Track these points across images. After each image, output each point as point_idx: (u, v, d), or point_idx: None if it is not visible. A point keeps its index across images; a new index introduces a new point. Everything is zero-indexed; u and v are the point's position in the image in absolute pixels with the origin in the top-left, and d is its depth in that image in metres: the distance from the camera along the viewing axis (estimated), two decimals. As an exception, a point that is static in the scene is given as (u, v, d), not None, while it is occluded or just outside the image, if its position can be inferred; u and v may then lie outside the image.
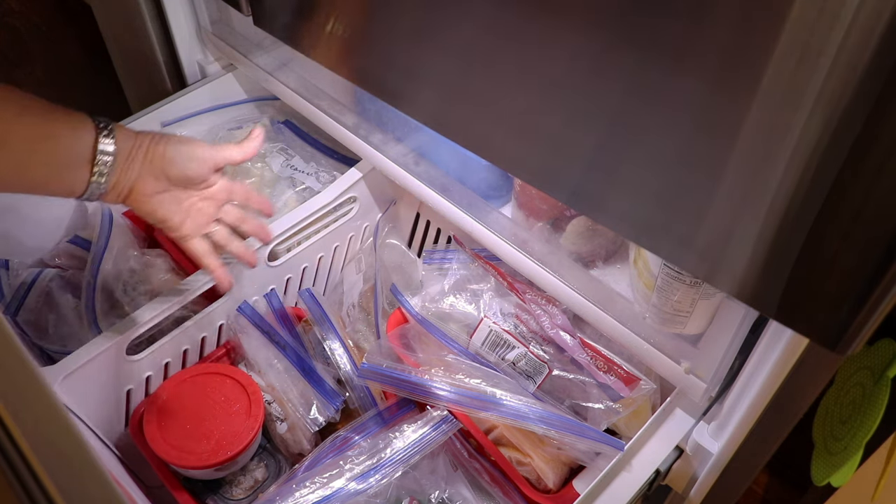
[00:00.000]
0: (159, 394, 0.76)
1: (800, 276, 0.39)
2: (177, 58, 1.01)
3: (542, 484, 0.72)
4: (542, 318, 0.74)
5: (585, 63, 0.43)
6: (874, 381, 0.62)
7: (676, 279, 0.57)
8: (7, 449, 0.33)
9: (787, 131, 0.35)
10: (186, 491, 0.73)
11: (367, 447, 0.70)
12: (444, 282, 0.82)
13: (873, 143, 0.33)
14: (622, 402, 0.71)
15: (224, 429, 0.73)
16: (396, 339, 0.79)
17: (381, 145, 0.84)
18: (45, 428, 0.34)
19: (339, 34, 0.60)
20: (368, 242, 0.96)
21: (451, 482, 0.72)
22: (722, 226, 0.41)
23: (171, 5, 0.95)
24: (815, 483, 0.67)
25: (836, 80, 0.32)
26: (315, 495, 0.66)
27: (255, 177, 0.94)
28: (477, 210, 0.76)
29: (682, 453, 0.71)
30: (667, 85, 0.39)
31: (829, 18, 0.31)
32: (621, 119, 0.43)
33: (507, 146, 0.52)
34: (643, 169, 0.44)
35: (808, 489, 0.85)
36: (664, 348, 0.64)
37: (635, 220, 0.47)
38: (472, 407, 0.71)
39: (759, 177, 0.38)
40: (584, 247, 0.71)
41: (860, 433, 0.61)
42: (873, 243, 0.35)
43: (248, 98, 1.05)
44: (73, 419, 0.46)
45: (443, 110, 0.56)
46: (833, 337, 0.39)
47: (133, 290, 0.86)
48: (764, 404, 0.59)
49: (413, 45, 0.54)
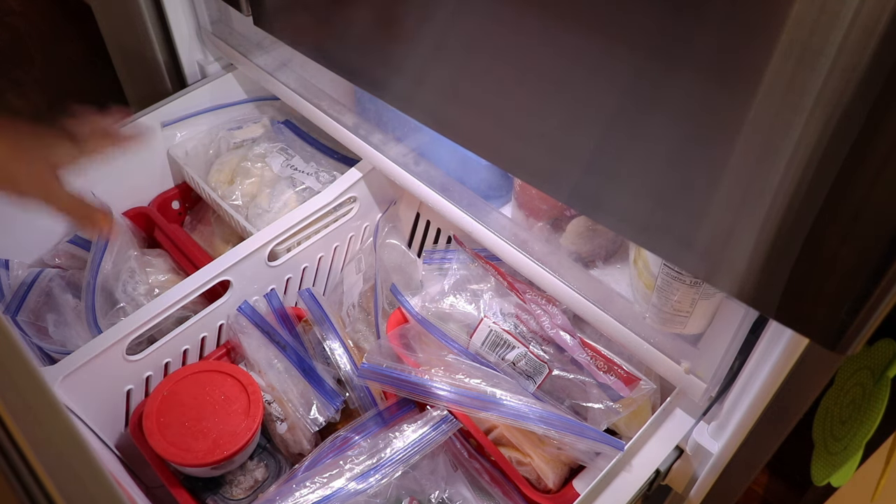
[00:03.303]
0: (159, 390, 0.76)
1: (800, 276, 0.39)
2: (177, 58, 1.01)
3: (542, 484, 0.72)
4: (542, 318, 0.74)
5: (585, 63, 0.43)
6: (874, 381, 0.62)
7: (676, 279, 0.57)
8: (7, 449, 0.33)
9: (787, 131, 0.35)
10: (186, 490, 0.73)
11: (367, 447, 0.70)
12: (444, 282, 0.82)
13: (873, 143, 0.33)
14: (622, 402, 0.71)
15: (222, 427, 0.73)
16: (396, 339, 0.79)
17: (380, 145, 0.84)
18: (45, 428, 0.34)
19: (338, 34, 0.60)
20: (368, 242, 0.96)
21: (451, 482, 0.72)
22: (722, 226, 0.41)
23: (171, 5, 0.95)
24: (815, 483, 0.67)
25: (836, 80, 0.32)
26: (315, 495, 0.66)
27: (254, 177, 0.94)
28: (477, 210, 0.76)
29: (682, 453, 0.71)
30: (666, 85, 0.39)
31: (829, 18, 0.31)
32: (621, 119, 0.43)
33: (507, 146, 0.52)
34: (643, 169, 0.44)
35: (808, 489, 0.85)
36: (664, 348, 0.64)
37: (635, 220, 0.47)
38: (472, 407, 0.71)
39: (759, 177, 0.38)
40: (584, 247, 0.71)
41: (860, 433, 0.61)
42: (873, 243, 0.35)
43: (248, 98, 1.05)
44: (73, 419, 0.46)
45: (442, 110, 0.56)
46: (833, 337, 0.39)
47: (133, 290, 0.86)
48: (764, 404, 0.59)
49: (413, 45, 0.54)
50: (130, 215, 0.96)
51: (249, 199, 0.93)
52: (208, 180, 0.95)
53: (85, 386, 0.73)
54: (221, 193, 0.93)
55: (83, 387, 0.73)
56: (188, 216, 1.04)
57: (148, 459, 0.73)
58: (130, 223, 0.94)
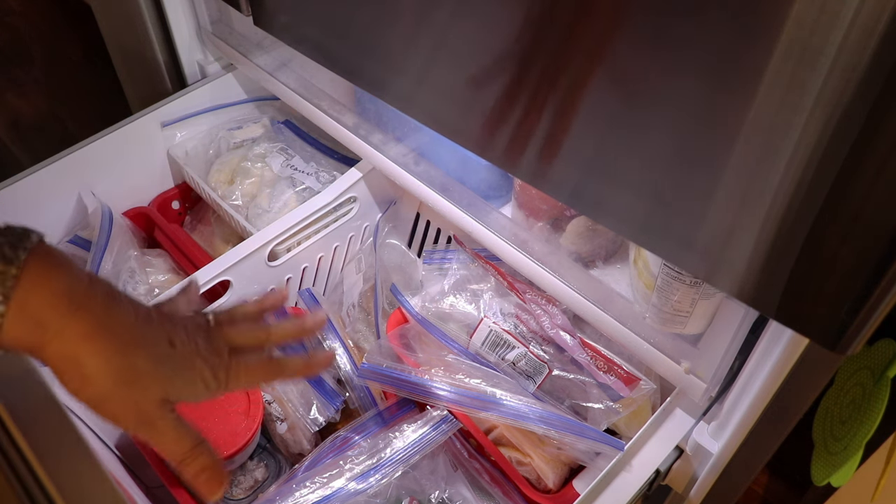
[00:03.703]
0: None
1: (800, 277, 0.39)
2: (177, 58, 1.01)
3: (542, 484, 0.72)
4: (542, 318, 0.74)
5: (585, 62, 0.43)
6: (874, 381, 0.62)
7: (676, 279, 0.57)
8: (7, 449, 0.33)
9: (787, 131, 0.35)
10: (186, 490, 0.73)
11: (367, 447, 0.70)
12: (444, 282, 0.82)
13: (873, 143, 0.33)
14: (622, 402, 0.71)
15: (222, 428, 0.73)
16: (396, 339, 0.79)
17: (380, 145, 0.84)
18: (45, 428, 0.34)
19: (338, 34, 0.60)
20: (368, 242, 0.96)
21: (451, 482, 0.72)
22: (722, 226, 0.41)
23: (171, 5, 0.95)
24: (815, 483, 0.67)
25: (836, 80, 0.32)
26: (315, 495, 0.66)
27: (254, 177, 0.94)
28: (477, 210, 0.76)
29: (682, 453, 0.71)
30: (666, 84, 0.39)
31: (829, 18, 0.31)
32: (621, 119, 0.43)
33: (507, 146, 0.52)
34: (643, 169, 0.44)
35: (808, 489, 0.85)
36: (664, 348, 0.64)
37: (635, 220, 0.47)
38: (472, 407, 0.71)
39: (759, 176, 0.38)
40: (584, 247, 0.71)
41: (860, 433, 0.61)
42: (873, 243, 0.35)
43: (248, 98, 1.05)
44: (74, 419, 0.46)
45: (442, 110, 0.56)
46: (833, 337, 0.39)
47: (133, 291, 0.86)
48: (764, 404, 0.59)
49: (412, 45, 0.54)
50: (130, 215, 0.96)
51: (249, 199, 0.93)
52: (208, 180, 0.95)
53: (85, 386, 0.73)
54: (221, 193, 0.93)
55: (83, 387, 0.73)
56: (188, 216, 1.04)
57: (148, 459, 0.73)
58: (130, 223, 0.94)
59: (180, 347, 0.44)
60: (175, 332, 0.44)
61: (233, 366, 0.46)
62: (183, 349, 0.44)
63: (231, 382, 0.46)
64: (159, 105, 0.97)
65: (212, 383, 0.45)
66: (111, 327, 0.40)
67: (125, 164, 0.94)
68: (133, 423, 0.42)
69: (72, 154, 0.88)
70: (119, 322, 0.41)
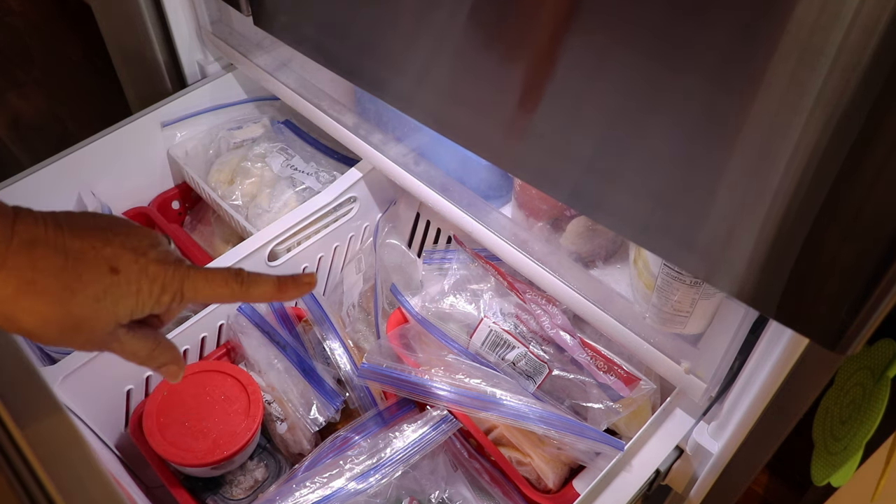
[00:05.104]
0: (159, 390, 0.76)
1: (800, 277, 0.39)
2: (177, 58, 1.01)
3: (542, 484, 0.72)
4: (542, 318, 0.74)
5: (585, 62, 0.43)
6: (874, 381, 0.62)
7: (676, 279, 0.57)
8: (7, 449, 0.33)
9: (787, 131, 0.35)
10: (186, 490, 0.73)
11: (367, 447, 0.70)
12: (444, 282, 0.82)
13: (873, 143, 0.33)
14: (622, 402, 0.71)
15: (222, 427, 0.73)
16: (396, 339, 0.79)
17: (380, 145, 0.84)
18: (45, 428, 0.34)
19: (338, 34, 0.60)
20: (368, 242, 0.96)
21: (451, 482, 0.72)
22: (722, 226, 0.41)
23: (171, 5, 0.95)
24: (815, 483, 0.67)
25: (836, 80, 0.32)
26: (315, 495, 0.66)
27: (254, 177, 0.94)
28: (477, 210, 0.76)
29: (682, 453, 0.71)
30: (667, 84, 0.39)
31: (829, 18, 0.31)
32: (621, 119, 0.43)
33: (507, 146, 0.52)
34: (643, 169, 0.44)
35: (808, 489, 0.85)
36: (664, 348, 0.64)
37: (635, 220, 0.47)
38: (472, 407, 0.71)
39: (759, 176, 0.38)
40: (584, 247, 0.71)
41: (860, 433, 0.61)
42: (873, 244, 0.35)
43: (248, 98, 1.05)
44: (74, 419, 0.46)
45: (442, 110, 0.56)
46: (833, 337, 0.39)
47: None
48: (764, 404, 0.59)
49: (413, 45, 0.54)
50: (130, 215, 0.96)
51: (249, 199, 0.93)
52: (208, 180, 0.95)
53: (85, 386, 0.73)
54: (221, 193, 0.93)
55: (83, 387, 0.73)
56: (188, 216, 1.04)
57: (148, 459, 0.73)
58: (130, 223, 0.94)
59: (124, 270, 0.41)
60: (118, 255, 0.41)
61: (190, 276, 0.44)
62: (128, 272, 0.41)
63: (188, 295, 0.44)
64: (159, 105, 0.97)
65: (164, 297, 0.43)
66: (38, 281, 0.39)
67: (125, 164, 0.94)
68: (91, 350, 0.42)
69: (72, 154, 0.88)
70: (47, 272, 0.39)
